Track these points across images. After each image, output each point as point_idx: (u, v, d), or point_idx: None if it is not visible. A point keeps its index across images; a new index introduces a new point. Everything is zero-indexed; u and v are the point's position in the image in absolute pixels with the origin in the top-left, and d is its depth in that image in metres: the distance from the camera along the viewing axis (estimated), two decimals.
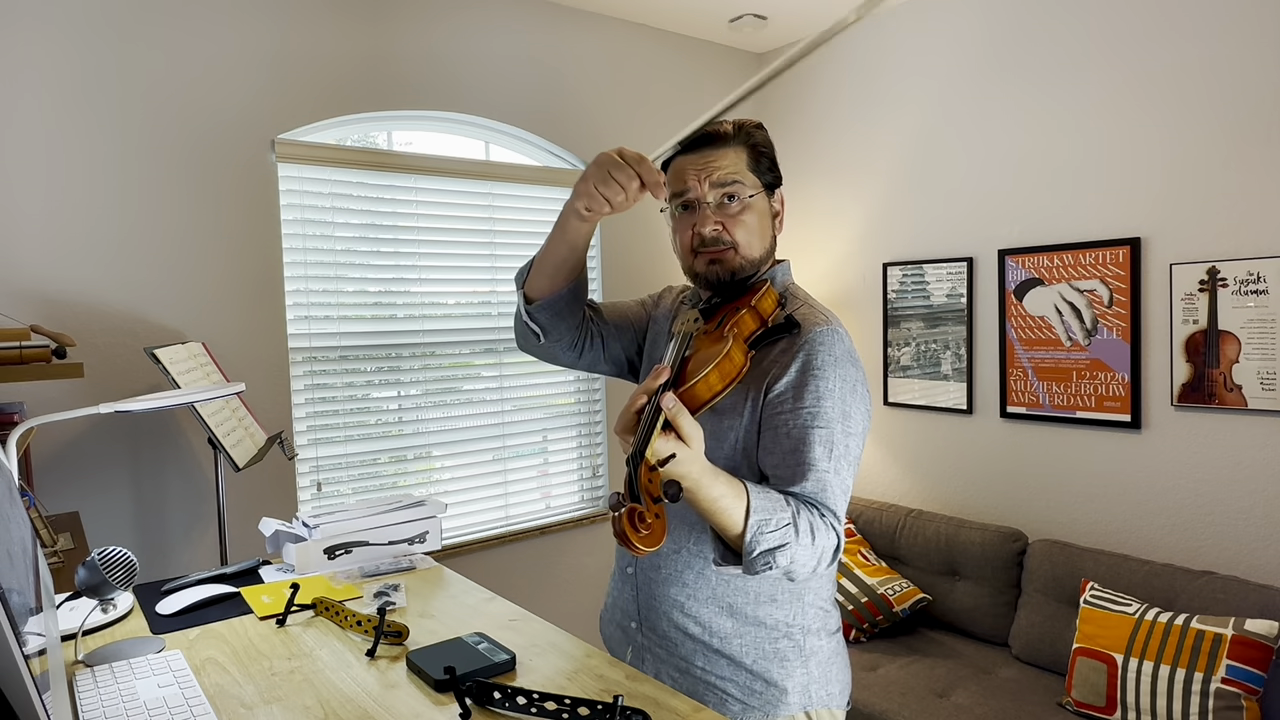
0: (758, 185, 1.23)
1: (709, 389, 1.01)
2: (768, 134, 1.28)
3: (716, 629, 1.22)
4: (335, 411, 2.76)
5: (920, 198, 3.22)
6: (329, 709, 0.99)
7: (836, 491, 1.12)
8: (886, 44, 3.31)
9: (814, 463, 1.11)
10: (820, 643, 1.24)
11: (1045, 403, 2.84)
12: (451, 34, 2.91)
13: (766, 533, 1.03)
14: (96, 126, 2.28)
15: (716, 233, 1.20)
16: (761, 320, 1.14)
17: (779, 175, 1.28)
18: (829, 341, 1.15)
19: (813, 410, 1.12)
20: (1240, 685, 2.08)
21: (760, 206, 1.23)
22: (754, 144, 1.23)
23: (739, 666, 1.21)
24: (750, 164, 1.22)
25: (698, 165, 1.21)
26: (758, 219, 1.23)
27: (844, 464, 1.13)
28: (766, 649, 1.21)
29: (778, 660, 1.21)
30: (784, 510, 1.05)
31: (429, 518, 1.63)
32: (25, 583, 0.83)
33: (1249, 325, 2.37)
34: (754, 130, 1.25)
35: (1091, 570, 2.55)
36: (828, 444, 1.11)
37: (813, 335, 1.16)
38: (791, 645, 1.22)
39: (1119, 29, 2.63)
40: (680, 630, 1.24)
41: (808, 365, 1.14)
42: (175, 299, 2.41)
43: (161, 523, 2.41)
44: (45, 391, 2.22)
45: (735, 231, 1.21)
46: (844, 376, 1.14)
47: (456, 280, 3.00)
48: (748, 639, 1.21)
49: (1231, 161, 2.42)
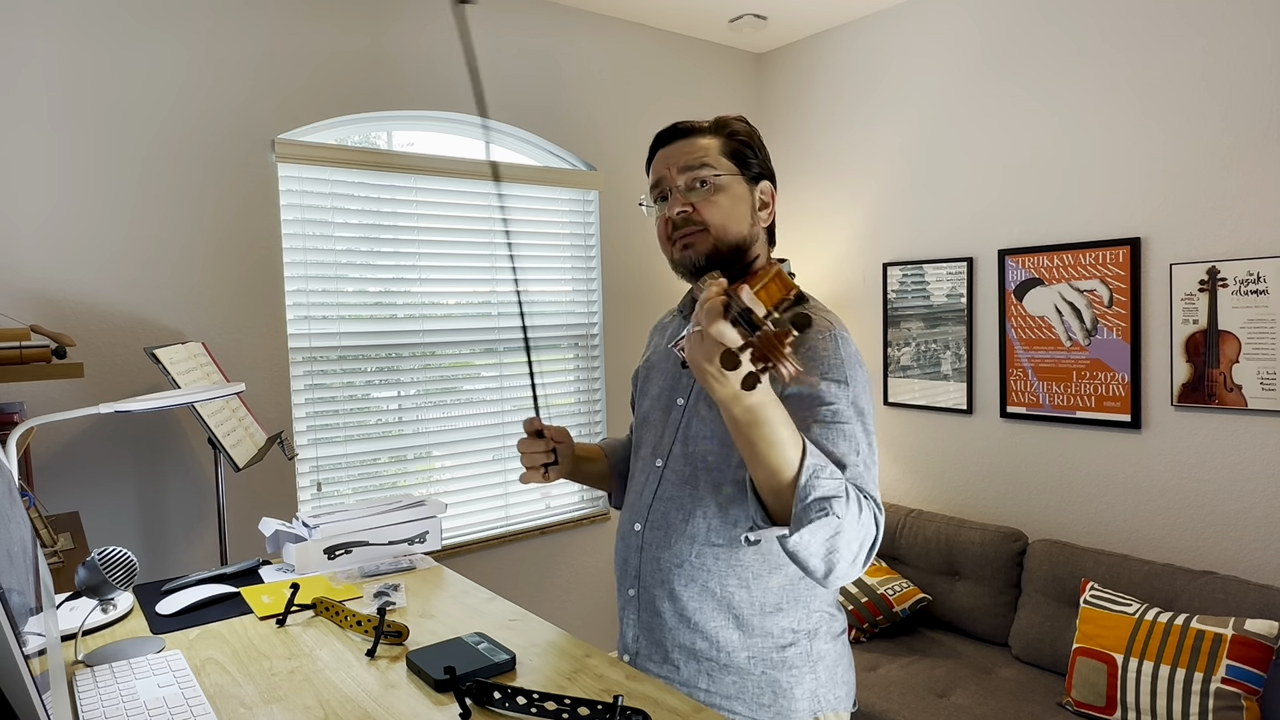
0: (732, 170, 1.21)
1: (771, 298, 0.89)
2: (750, 128, 1.26)
3: (723, 642, 1.20)
4: (335, 411, 2.76)
5: (920, 198, 3.21)
6: (329, 709, 0.99)
7: (868, 483, 1.10)
8: (886, 44, 3.31)
9: (843, 457, 1.08)
10: (826, 647, 1.23)
11: (1045, 403, 2.84)
12: (451, 34, 2.91)
13: (823, 478, 0.98)
14: (97, 126, 2.28)
15: (685, 214, 1.19)
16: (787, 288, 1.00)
17: (767, 169, 1.26)
18: (834, 345, 1.15)
19: (833, 409, 1.11)
20: (1240, 685, 2.08)
21: (736, 190, 1.21)
22: (731, 133, 1.23)
23: (747, 677, 1.20)
24: (725, 150, 1.21)
25: (670, 155, 1.22)
26: (732, 201, 1.20)
27: (871, 460, 1.12)
28: (774, 658, 1.20)
29: (786, 668, 1.20)
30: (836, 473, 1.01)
31: (429, 518, 1.63)
32: (25, 583, 0.83)
33: (1249, 325, 2.37)
34: (732, 122, 1.24)
35: (1091, 570, 2.55)
36: (853, 441, 1.10)
37: (816, 341, 1.16)
38: (798, 652, 1.21)
39: (1119, 29, 2.63)
40: (685, 650, 1.22)
41: (815, 368, 1.14)
42: (175, 299, 2.41)
43: (161, 523, 2.41)
44: (45, 391, 2.22)
45: (706, 212, 1.18)
46: (855, 377, 1.14)
47: (456, 280, 3.00)
48: (755, 650, 1.20)
49: (1231, 162, 2.42)
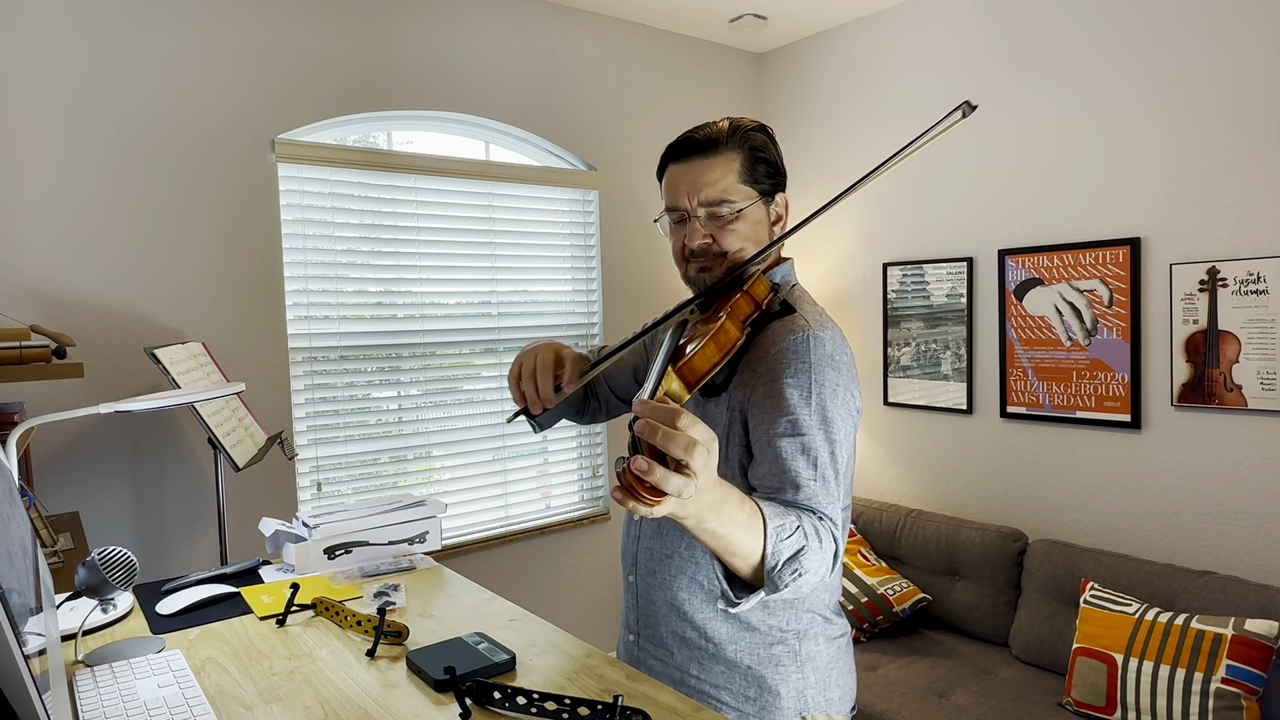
0: (751, 195, 1.19)
1: (706, 361, 0.98)
2: (768, 135, 1.22)
3: (712, 634, 1.21)
4: (335, 411, 2.76)
5: (920, 198, 3.21)
6: (329, 709, 0.99)
7: (824, 499, 1.08)
8: (887, 44, 3.31)
9: (797, 473, 1.08)
10: (818, 648, 1.23)
11: (1045, 403, 2.84)
12: (451, 34, 2.91)
13: (785, 538, 0.98)
14: (97, 126, 2.28)
15: (706, 245, 1.19)
16: (755, 304, 1.11)
17: (780, 179, 1.24)
18: (803, 349, 1.12)
19: (791, 419, 1.09)
20: (1240, 685, 2.08)
21: (754, 215, 1.20)
22: (750, 147, 1.19)
23: (734, 669, 1.21)
24: (743, 173, 1.19)
25: (688, 179, 1.19)
26: (751, 226, 1.20)
27: (830, 473, 1.09)
28: (762, 654, 1.20)
29: (773, 665, 1.20)
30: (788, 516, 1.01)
31: (429, 518, 1.63)
32: (25, 583, 0.83)
33: (1249, 325, 2.37)
34: (751, 133, 1.20)
35: (1091, 570, 2.55)
36: (812, 454, 1.08)
37: (786, 344, 1.13)
38: (786, 650, 1.21)
39: (1119, 29, 2.63)
40: (677, 637, 1.24)
41: (781, 374, 1.12)
42: (175, 299, 2.41)
43: (161, 523, 2.41)
44: (45, 391, 2.22)
45: (725, 241, 1.19)
46: (821, 382, 1.11)
47: (456, 280, 3.00)
48: (743, 644, 1.21)
49: (1231, 162, 2.42)
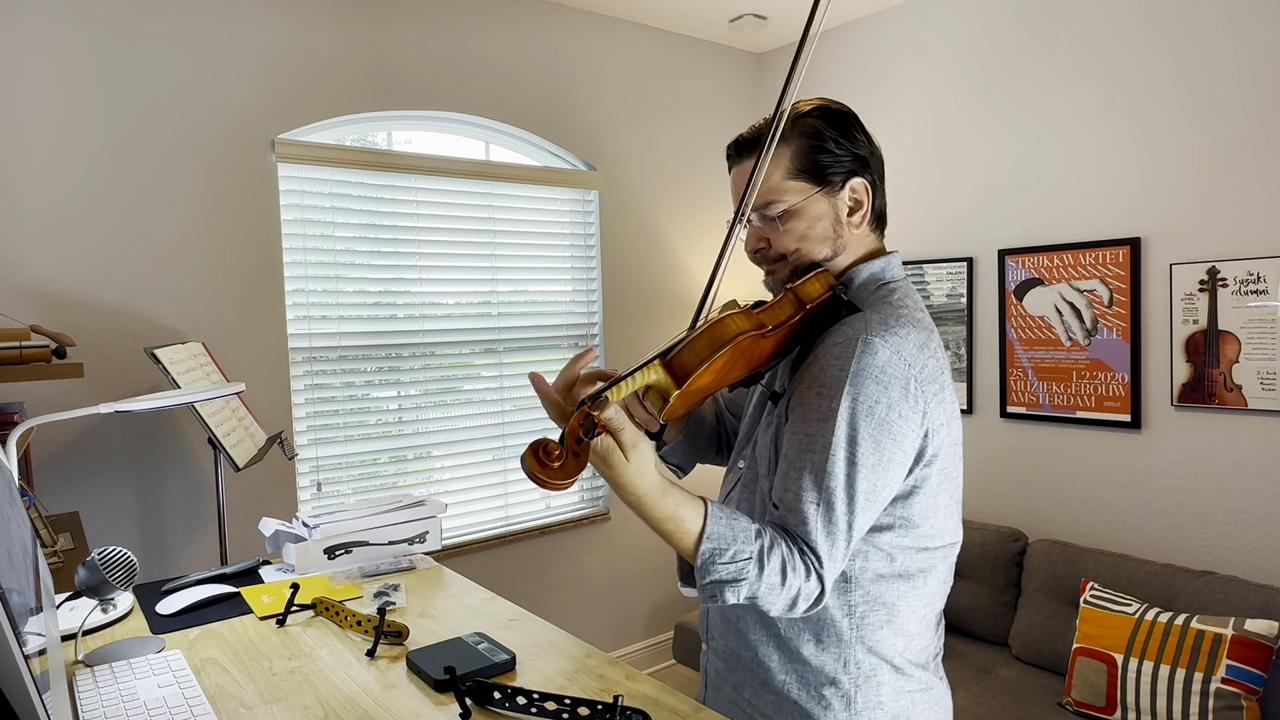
0: (804, 189, 1.09)
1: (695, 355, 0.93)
2: (822, 123, 1.10)
3: (763, 658, 1.12)
4: (335, 411, 2.75)
5: (920, 198, 3.21)
6: (329, 709, 0.99)
7: (819, 529, 0.97)
8: (886, 44, 3.31)
9: (799, 493, 0.99)
10: (880, 699, 1.07)
11: (1045, 403, 2.84)
12: (451, 34, 2.91)
13: (720, 563, 0.93)
14: (97, 126, 2.27)
15: (760, 250, 1.14)
16: (799, 304, 1.03)
17: (851, 163, 1.10)
18: (847, 355, 1.00)
19: (810, 433, 1.00)
20: (1240, 685, 2.08)
21: (813, 210, 1.09)
22: (803, 135, 1.09)
23: (783, 701, 1.10)
24: (794, 166, 1.09)
25: (736, 183, 1.14)
26: (808, 224, 1.09)
27: (838, 499, 0.97)
28: (811, 692, 1.09)
29: (821, 706, 1.08)
30: (749, 543, 0.94)
31: (429, 518, 1.63)
32: (25, 583, 0.83)
33: (1249, 325, 2.37)
34: (801, 120, 1.10)
35: (1091, 570, 2.55)
36: (819, 473, 0.98)
37: (834, 348, 1.02)
38: (838, 694, 1.07)
39: (1119, 30, 2.63)
40: (734, 655, 1.16)
41: (816, 381, 1.02)
42: (175, 299, 2.41)
43: (161, 523, 2.41)
44: (45, 391, 2.22)
45: (779, 243, 1.11)
46: (857, 395, 0.98)
47: (456, 280, 3.00)
48: (792, 676, 1.10)
49: (1231, 162, 2.42)
